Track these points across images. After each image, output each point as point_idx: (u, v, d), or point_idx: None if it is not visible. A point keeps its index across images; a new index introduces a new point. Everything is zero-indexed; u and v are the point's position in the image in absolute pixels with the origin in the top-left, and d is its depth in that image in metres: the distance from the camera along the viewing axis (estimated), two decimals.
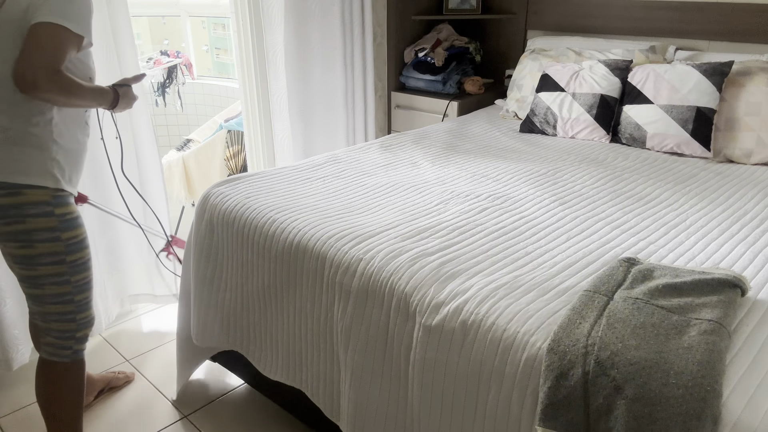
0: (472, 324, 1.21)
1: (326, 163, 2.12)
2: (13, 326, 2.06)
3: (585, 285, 1.29)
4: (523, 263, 1.39)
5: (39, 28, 1.31)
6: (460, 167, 2.09)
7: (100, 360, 2.24)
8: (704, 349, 1.01)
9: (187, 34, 4.52)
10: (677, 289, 1.18)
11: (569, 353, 1.06)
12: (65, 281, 1.50)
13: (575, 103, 2.43)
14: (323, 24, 2.81)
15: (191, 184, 3.25)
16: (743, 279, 1.21)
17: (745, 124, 2.13)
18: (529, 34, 3.19)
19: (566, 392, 1.04)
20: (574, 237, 1.53)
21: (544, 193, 1.83)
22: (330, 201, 1.78)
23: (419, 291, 1.32)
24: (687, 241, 1.51)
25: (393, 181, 1.94)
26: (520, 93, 2.79)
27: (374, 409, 1.45)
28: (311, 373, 1.64)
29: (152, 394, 2.06)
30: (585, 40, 2.84)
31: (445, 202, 1.76)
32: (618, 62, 2.43)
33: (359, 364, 1.45)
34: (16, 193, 1.39)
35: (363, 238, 1.52)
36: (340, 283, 1.47)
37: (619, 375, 1.01)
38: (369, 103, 3.11)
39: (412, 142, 2.41)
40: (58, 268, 1.49)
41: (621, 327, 1.08)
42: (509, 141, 2.43)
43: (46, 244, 1.45)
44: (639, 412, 0.98)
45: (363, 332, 1.43)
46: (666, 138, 2.23)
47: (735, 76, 2.20)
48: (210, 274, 1.86)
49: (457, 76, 3.15)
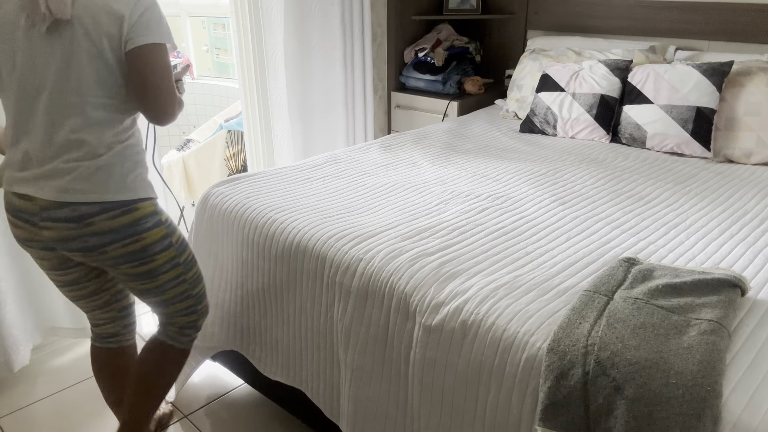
0: (472, 324, 1.21)
1: (326, 163, 2.12)
2: (14, 327, 2.06)
3: (585, 285, 1.29)
4: (523, 263, 1.39)
5: (147, 51, 1.29)
6: (460, 167, 2.09)
7: None
8: (704, 349, 1.01)
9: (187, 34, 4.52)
10: (677, 289, 1.18)
11: (569, 353, 1.06)
12: (182, 280, 1.51)
13: (575, 103, 2.43)
14: (323, 24, 2.81)
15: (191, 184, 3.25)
16: (743, 279, 1.21)
17: (745, 124, 2.13)
18: (529, 34, 3.19)
19: (566, 392, 1.04)
20: (574, 237, 1.53)
21: (544, 193, 1.83)
22: (330, 201, 1.77)
23: (419, 291, 1.32)
24: (687, 241, 1.51)
25: (393, 181, 1.94)
26: (520, 93, 2.79)
27: (374, 408, 1.45)
28: (311, 373, 1.64)
29: None
30: (585, 40, 2.84)
31: (445, 202, 1.76)
32: (618, 62, 2.43)
33: (359, 364, 1.45)
34: (132, 209, 1.35)
35: (363, 238, 1.52)
36: (340, 283, 1.47)
37: (619, 375, 1.01)
38: (369, 103, 3.11)
39: (412, 142, 2.41)
40: (176, 271, 1.48)
41: (621, 327, 1.08)
42: (509, 141, 2.43)
43: (163, 254, 1.43)
44: (639, 412, 0.98)
45: (363, 332, 1.43)
46: (666, 138, 2.23)
47: (735, 76, 2.20)
48: (210, 274, 1.86)
49: (457, 76, 3.15)
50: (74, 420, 1.94)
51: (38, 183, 1.30)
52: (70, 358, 2.25)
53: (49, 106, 1.28)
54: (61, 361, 2.24)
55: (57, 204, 1.29)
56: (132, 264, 1.40)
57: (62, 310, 2.23)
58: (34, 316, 2.20)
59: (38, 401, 2.02)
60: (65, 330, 2.26)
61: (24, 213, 1.33)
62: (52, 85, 1.27)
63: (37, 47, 1.26)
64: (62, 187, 1.29)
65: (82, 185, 1.30)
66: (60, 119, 1.28)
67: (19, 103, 1.30)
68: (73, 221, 1.30)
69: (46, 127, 1.29)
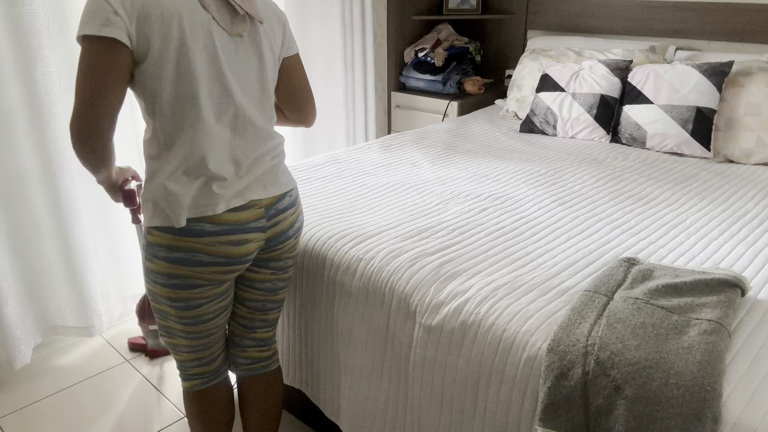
0: (472, 324, 1.21)
1: (326, 163, 2.12)
2: (15, 327, 2.06)
3: (585, 285, 1.29)
4: (523, 263, 1.40)
5: (299, 60, 1.40)
6: (460, 167, 2.09)
7: (100, 360, 2.24)
8: (704, 349, 1.01)
9: None
10: (677, 289, 1.18)
11: (569, 353, 1.06)
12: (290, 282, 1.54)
13: (575, 103, 2.43)
14: (323, 24, 2.81)
15: None
16: (743, 279, 1.21)
17: (745, 124, 2.13)
18: (529, 34, 3.19)
19: (566, 392, 1.05)
20: (574, 237, 1.53)
21: (544, 193, 1.83)
22: (330, 201, 1.78)
23: (419, 291, 1.32)
24: (687, 241, 1.51)
25: (393, 181, 1.94)
26: (520, 93, 2.79)
27: (374, 408, 1.45)
28: (311, 373, 1.64)
29: (153, 395, 2.06)
30: (585, 40, 2.84)
31: (445, 202, 1.76)
32: (618, 62, 2.43)
33: (359, 363, 1.45)
34: (296, 195, 1.40)
35: (363, 238, 1.52)
36: (340, 283, 1.47)
37: (619, 375, 1.01)
38: (369, 103, 3.11)
39: (412, 142, 2.41)
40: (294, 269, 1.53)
41: (621, 327, 1.08)
42: (509, 141, 2.43)
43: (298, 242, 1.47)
44: (639, 412, 0.98)
45: (363, 332, 1.43)
46: (666, 138, 2.23)
47: (735, 76, 2.20)
48: None
49: (457, 76, 3.15)
50: (75, 419, 1.94)
51: (256, 186, 1.27)
52: (72, 358, 2.26)
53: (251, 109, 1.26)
54: (62, 360, 2.24)
55: (277, 198, 1.31)
56: (293, 251, 1.41)
57: (64, 309, 2.23)
58: (36, 315, 2.20)
59: (39, 401, 2.03)
60: (66, 329, 2.26)
61: (253, 222, 1.25)
62: (249, 89, 1.25)
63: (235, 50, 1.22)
64: (278, 182, 1.32)
65: (285, 177, 1.35)
66: (262, 122, 1.29)
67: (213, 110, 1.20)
68: (292, 206, 1.36)
69: (254, 131, 1.27)
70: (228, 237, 1.22)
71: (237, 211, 1.22)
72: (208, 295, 1.28)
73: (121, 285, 2.45)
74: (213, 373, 1.43)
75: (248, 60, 1.23)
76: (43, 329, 2.24)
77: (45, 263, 2.15)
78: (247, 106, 1.24)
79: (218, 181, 1.20)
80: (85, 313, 2.24)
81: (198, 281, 1.24)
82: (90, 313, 2.25)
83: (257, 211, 1.26)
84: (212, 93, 1.19)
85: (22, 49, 1.90)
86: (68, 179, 2.07)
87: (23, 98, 1.95)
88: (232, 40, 1.20)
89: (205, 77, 1.17)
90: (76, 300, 2.23)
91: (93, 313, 2.25)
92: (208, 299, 1.29)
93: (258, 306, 1.42)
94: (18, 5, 1.85)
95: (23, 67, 1.92)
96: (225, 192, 1.21)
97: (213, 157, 1.19)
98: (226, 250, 1.22)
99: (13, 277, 2.07)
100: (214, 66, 1.18)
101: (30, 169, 2.02)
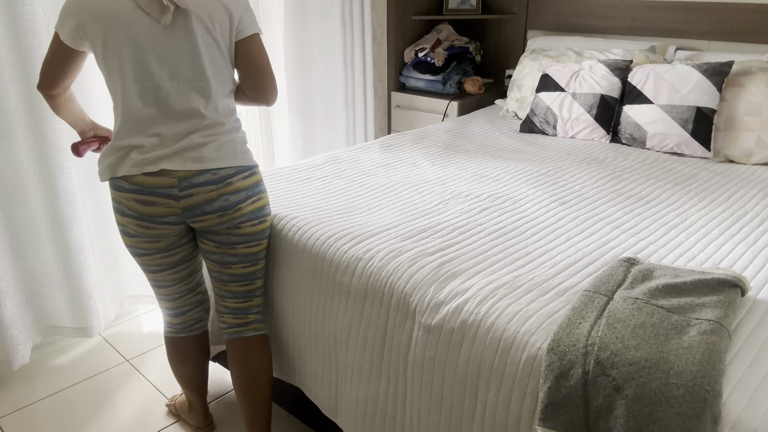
0: (472, 324, 1.21)
1: (326, 163, 2.12)
2: (14, 326, 2.06)
3: (585, 285, 1.29)
4: (523, 263, 1.39)
5: (255, 41, 1.50)
6: (460, 167, 2.09)
7: (99, 360, 2.24)
8: (704, 349, 1.01)
9: None
10: (677, 289, 1.18)
11: (569, 353, 1.06)
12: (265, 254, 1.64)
13: (575, 103, 2.43)
14: (323, 24, 2.81)
15: None
16: (743, 279, 1.21)
17: (745, 124, 2.13)
18: (529, 34, 3.19)
19: (566, 392, 1.04)
20: (574, 237, 1.53)
21: (544, 193, 1.83)
22: (330, 201, 1.77)
23: (419, 291, 1.32)
24: (687, 241, 1.51)
25: (393, 181, 1.94)
26: (520, 93, 2.79)
27: (373, 408, 1.45)
28: (311, 372, 1.64)
29: (152, 394, 2.06)
30: (585, 40, 2.84)
31: (445, 202, 1.76)
32: (618, 62, 2.43)
33: (358, 363, 1.45)
34: (254, 172, 1.53)
35: (363, 238, 1.52)
36: (339, 283, 1.47)
37: (619, 375, 1.01)
38: (369, 103, 3.11)
39: (412, 142, 2.41)
40: (266, 242, 1.61)
41: (621, 327, 1.08)
42: (509, 141, 2.43)
43: (269, 218, 1.59)
44: (639, 412, 0.98)
45: (362, 332, 1.43)
46: (666, 138, 2.23)
47: (735, 76, 2.20)
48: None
49: (457, 76, 3.15)
50: (74, 419, 1.94)
51: (174, 158, 1.43)
52: (70, 358, 2.26)
53: (180, 91, 1.42)
54: (61, 360, 2.24)
55: (196, 172, 1.44)
56: (252, 222, 1.53)
57: (62, 309, 2.23)
58: (34, 315, 2.20)
59: (38, 401, 2.02)
60: (65, 329, 2.26)
61: (161, 188, 1.43)
62: (181, 72, 1.41)
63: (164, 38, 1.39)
64: (201, 159, 1.44)
65: (216, 155, 1.47)
66: (192, 103, 1.44)
67: (147, 91, 1.41)
68: (213, 183, 1.46)
69: (180, 110, 1.43)
70: (137, 196, 1.44)
71: (150, 176, 1.43)
72: (145, 247, 1.52)
73: (119, 286, 2.45)
74: (181, 326, 1.70)
75: (179, 45, 1.41)
76: (42, 329, 2.24)
77: (43, 263, 2.15)
78: (175, 88, 1.42)
79: (138, 149, 1.43)
80: (83, 313, 2.24)
81: (129, 230, 1.50)
82: (88, 314, 2.25)
83: (169, 179, 1.43)
84: (137, 76, 1.40)
85: (22, 49, 1.90)
86: (67, 179, 2.07)
87: (22, 98, 1.95)
88: (162, 28, 1.39)
89: (129, 63, 1.39)
90: (74, 300, 2.22)
91: (91, 313, 2.25)
92: (147, 252, 1.53)
93: (216, 276, 1.62)
94: (18, 5, 1.85)
95: (23, 67, 1.92)
96: (142, 158, 1.42)
97: (136, 131, 1.43)
98: (137, 207, 1.45)
99: (11, 277, 2.07)
100: (138, 54, 1.38)
101: (29, 169, 2.02)
